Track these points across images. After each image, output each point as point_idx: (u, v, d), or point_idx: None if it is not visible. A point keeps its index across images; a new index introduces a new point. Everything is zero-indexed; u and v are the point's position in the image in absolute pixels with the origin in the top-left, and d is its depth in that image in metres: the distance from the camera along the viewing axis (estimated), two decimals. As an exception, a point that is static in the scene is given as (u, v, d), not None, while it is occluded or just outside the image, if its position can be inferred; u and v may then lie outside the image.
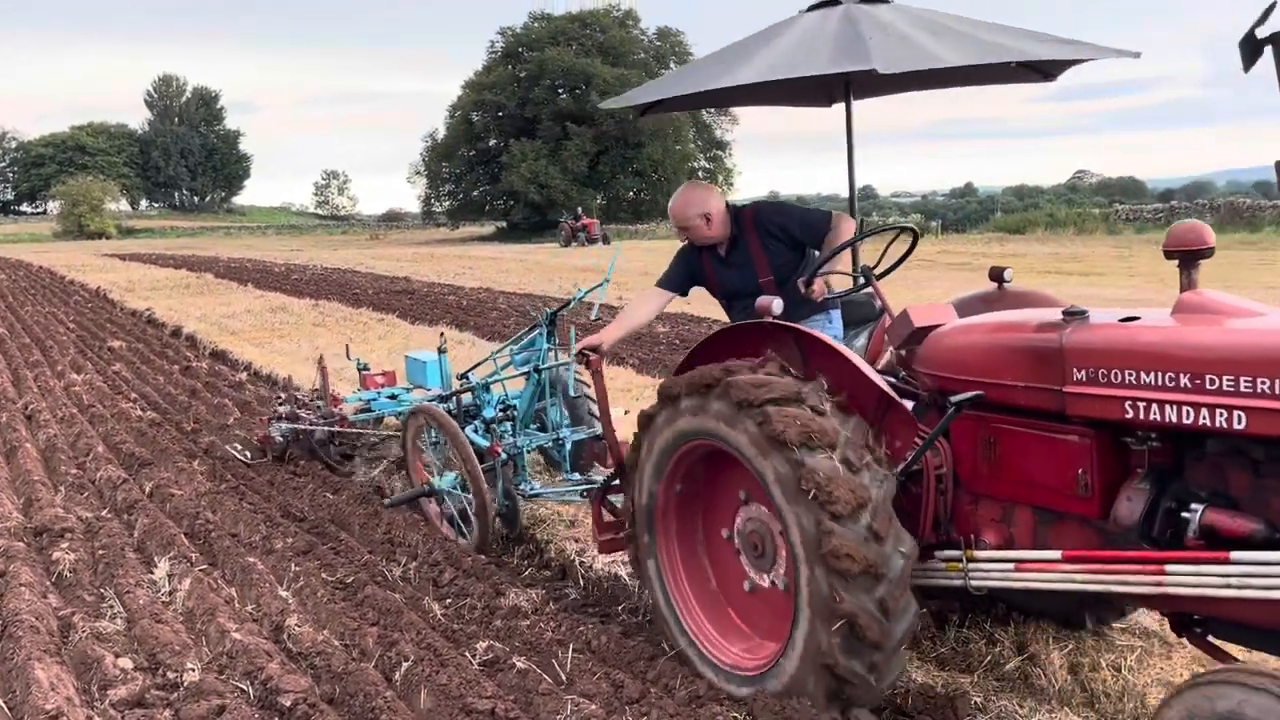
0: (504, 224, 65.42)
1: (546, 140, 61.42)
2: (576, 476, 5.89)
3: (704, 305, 17.66)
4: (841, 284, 4.53)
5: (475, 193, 68.01)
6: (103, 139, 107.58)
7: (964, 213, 67.26)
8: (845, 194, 5.31)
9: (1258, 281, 19.88)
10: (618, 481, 4.29)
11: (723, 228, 4.74)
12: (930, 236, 43.96)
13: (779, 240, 4.69)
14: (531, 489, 5.78)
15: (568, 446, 5.95)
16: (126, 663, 4.09)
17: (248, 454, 7.43)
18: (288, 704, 3.64)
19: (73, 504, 6.33)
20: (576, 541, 5.48)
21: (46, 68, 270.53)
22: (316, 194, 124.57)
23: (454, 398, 6.28)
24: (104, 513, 6.21)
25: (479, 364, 6.98)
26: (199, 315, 16.97)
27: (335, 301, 19.18)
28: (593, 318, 6.44)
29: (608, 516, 4.48)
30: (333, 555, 5.37)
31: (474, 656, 4.01)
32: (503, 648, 4.10)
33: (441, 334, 7.70)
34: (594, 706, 3.53)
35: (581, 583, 5.10)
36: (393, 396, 7.32)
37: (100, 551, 5.41)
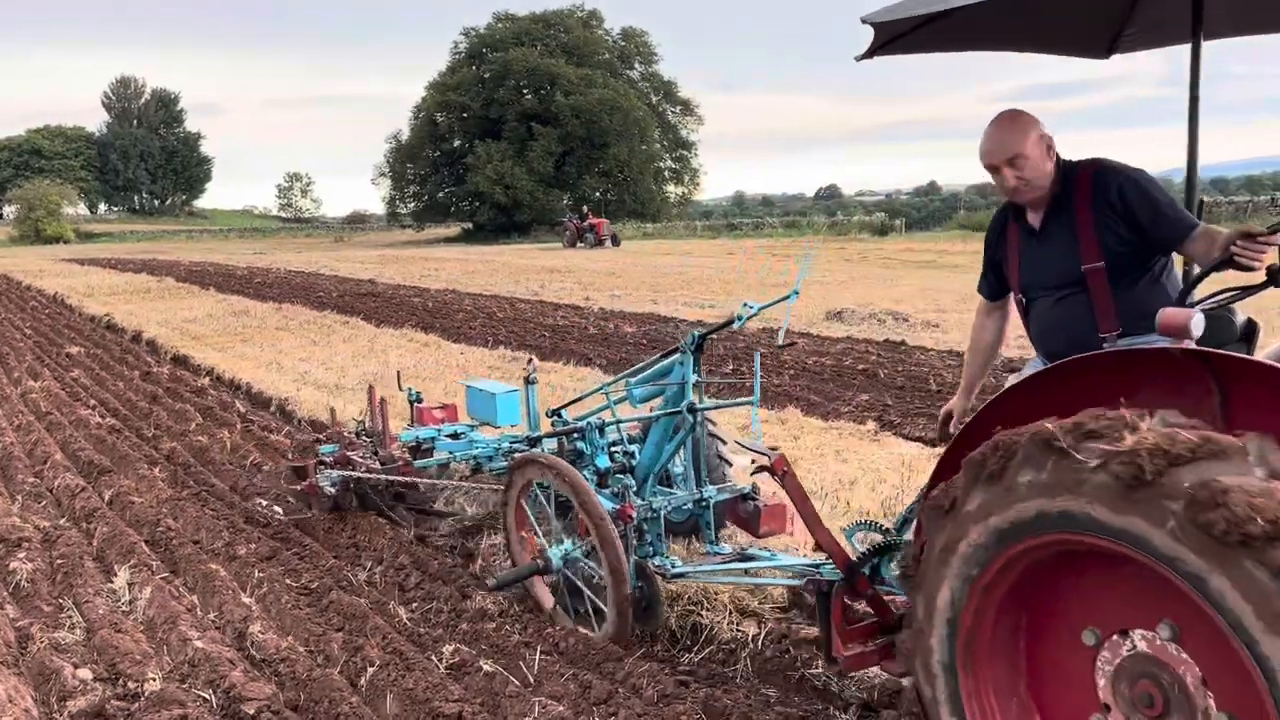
0: (470, 225, 65.12)
1: (512, 141, 61.22)
2: (726, 549, 4.66)
3: (670, 304, 17.72)
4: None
5: (440, 194, 67.64)
6: (59, 142, 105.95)
7: (927, 211, 67.93)
8: (811, 194, 5.27)
9: (1218, 278, 20.21)
10: (845, 577, 3.39)
11: (1040, 179, 3.29)
12: (894, 235, 44.34)
13: (1118, 216, 3.20)
14: (673, 566, 4.35)
15: (712, 510, 4.72)
16: (86, 673, 4.02)
17: (278, 510, 6.20)
18: (251, 712, 3.60)
19: (30, 513, 6.23)
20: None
21: (0, 70, 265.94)
22: (280, 196, 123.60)
23: (552, 441, 5.17)
24: (62, 521, 6.11)
25: (579, 399, 5.75)
26: (159, 320, 16.75)
27: (299, 305, 19.01)
28: (780, 342, 4.93)
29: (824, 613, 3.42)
30: (297, 561, 5.32)
31: (440, 660, 3.99)
32: (469, 651, 4.08)
33: (530, 359, 6.40)
34: (561, 708, 3.52)
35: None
36: (454, 435, 6.22)
37: (58, 561, 5.32)
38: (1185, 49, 3.64)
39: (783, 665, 4.04)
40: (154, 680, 3.87)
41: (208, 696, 3.77)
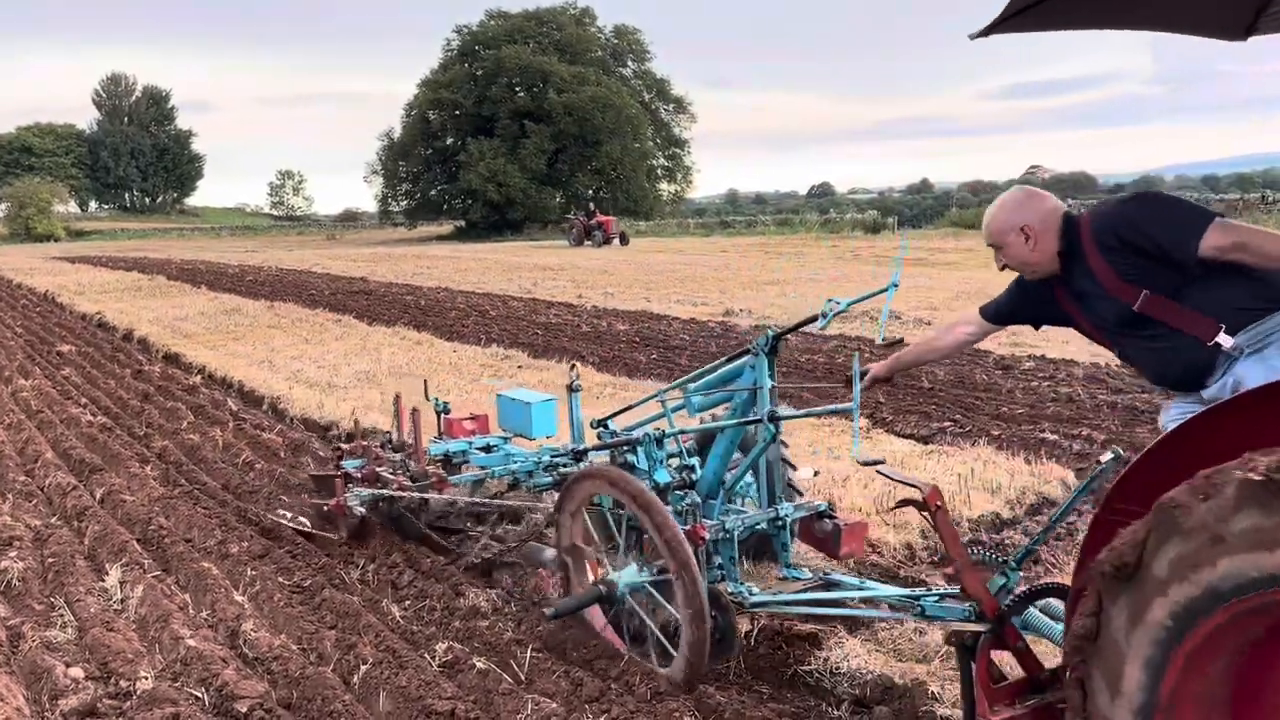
0: (462, 223, 65.04)
1: (504, 139, 61.15)
2: (805, 573, 4.19)
3: (663, 302, 17.72)
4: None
5: (433, 192, 67.54)
6: (50, 140, 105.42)
7: (920, 209, 68.02)
8: (804, 191, 5.17)
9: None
10: (993, 628, 3.06)
11: (1029, 266, 3.37)
12: (887, 233, 44.39)
13: (1129, 254, 3.17)
14: (750, 594, 3.86)
15: (789, 530, 4.23)
16: (77, 672, 4.02)
17: (304, 522, 5.59)
18: (243, 710, 3.60)
19: (21, 512, 6.21)
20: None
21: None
22: (271, 194, 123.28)
23: (599, 455, 4.76)
24: (53, 520, 6.09)
25: (627, 408, 5.22)
26: (151, 318, 16.70)
27: (291, 303, 18.97)
28: (879, 341, 4.42)
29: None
30: (289, 559, 5.31)
31: (433, 658, 3.99)
32: (462, 648, 4.08)
33: (573, 365, 5.85)
34: (554, 705, 3.53)
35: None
36: (486, 448, 5.76)
37: (50, 560, 5.31)
38: (1178, 46, 3.53)
39: (775, 662, 4.05)
40: (146, 679, 3.86)
41: (200, 695, 3.76)
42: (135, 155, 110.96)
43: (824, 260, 28.21)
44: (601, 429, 4.93)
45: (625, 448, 4.55)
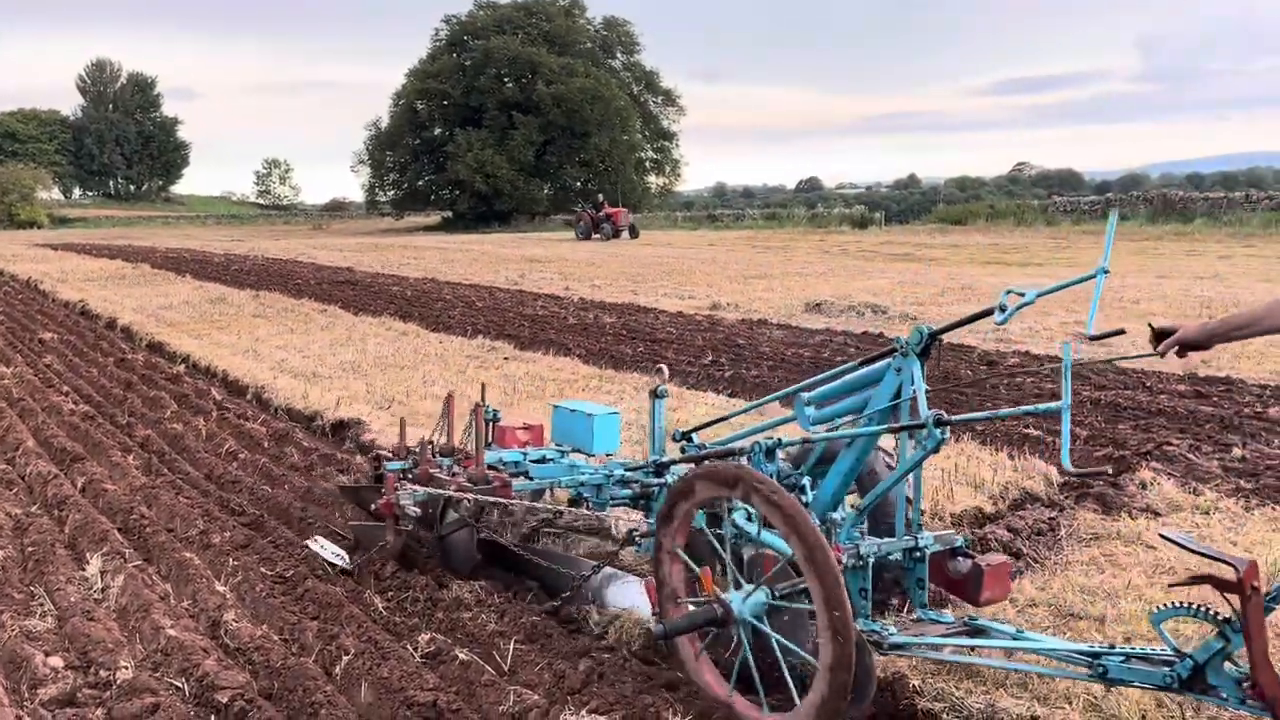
0: (450, 214, 64.82)
1: (492, 129, 60.94)
2: (947, 617, 3.66)
3: (650, 295, 17.70)
4: None
5: (420, 182, 67.23)
6: (33, 125, 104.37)
7: (907, 204, 68.16)
8: (791, 185, 5.00)
9: (1188, 271, 20.45)
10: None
11: None
12: (874, 228, 44.48)
13: None
14: (890, 635, 3.39)
15: (926, 561, 3.68)
16: (57, 661, 4.00)
17: (342, 557, 4.97)
18: (224, 700, 3.59)
19: (1, 500, 6.17)
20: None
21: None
22: (258, 183, 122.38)
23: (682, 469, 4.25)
24: (34, 509, 6.05)
25: (716, 421, 4.89)
26: (135, 307, 16.59)
27: (276, 292, 18.87)
28: (1088, 334, 3.68)
29: None
30: (272, 549, 5.29)
31: (416, 649, 3.99)
32: (445, 640, 4.08)
33: (660, 368, 5.15)
34: (536, 696, 3.53)
35: None
36: (542, 460, 5.24)
37: (30, 548, 5.28)
38: (1170, 42, 3.59)
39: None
40: (126, 669, 3.84)
41: (180, 685, 3.75)
42: (120, 142, 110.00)
43: (810, 255, 28.24)
44: (685, 442, 4.56)
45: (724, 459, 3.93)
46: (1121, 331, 3.57)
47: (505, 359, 11.09)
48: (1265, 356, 10.09)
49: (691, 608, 3.48)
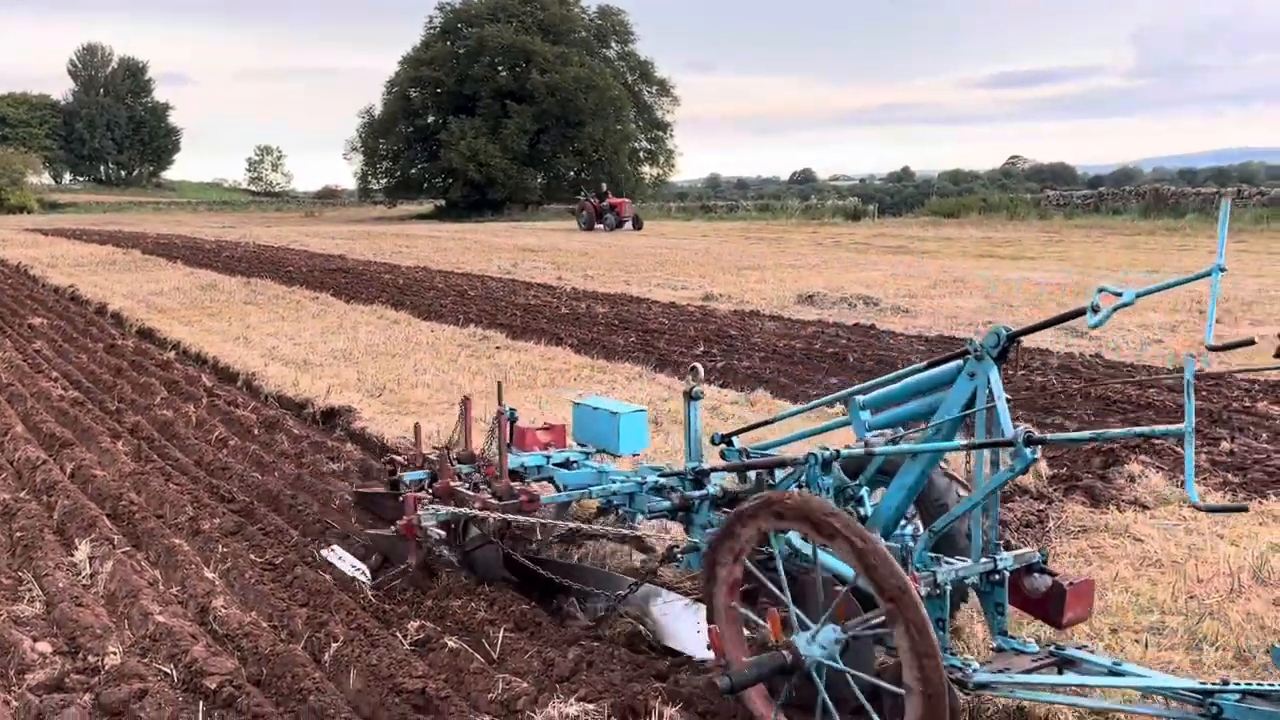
0: (442, 202, 64.62)
1: (486, 118, 60.71)
2: (1032, 646, 3.29)
3: (643, 285, 17.69)
4: None
5: (413, 170, 66.97)
6: (24, 109, 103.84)
7: (901, 197, 68.19)
8: (785, 177, 4.78)
9: (1179, 266, 20.50)
10: None
11: None
12: (867, 220, 44.50)
13: None
14: (975, 672, 3.04)
15: (1005, 585, 3.33)
16: (45, 646, 4.00)
17: (363, 571, 4.75)
18: (212, 686, 3.59)
19: (-11, 485, 6.15)
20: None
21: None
22: (250, 170, 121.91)
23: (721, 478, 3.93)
24: (22, 494, 6.04)
25: (759, 425, 4.57)
26: (125, 292, 16.52)
27: (268, 279, 18.81)
28: (1206, 341, 3.07)
29: None
30: (262, 536, 5.29)
31: (405, 636, 3.99)
32: (434, 628, 4.08)
33: (694, 367, 4.48)
34: (525, 684, 3.53)
35: None
36: (566, 463, 4.88)
37: (18, 534, 5.26)
38: (1165, 38, 3.53)
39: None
40: (114, 654, 3.84)
41: (169, 670, 3.75)
42: (111, 127, 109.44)
43: (803, 247, 28.24)
44: (725, 446, 4.21)
45: (766, 471, 3.61)
46: (1251, 341, 3.04)
47: (497, 348, 11.08)
48: (1254, 351, 10.12)
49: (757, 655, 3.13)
